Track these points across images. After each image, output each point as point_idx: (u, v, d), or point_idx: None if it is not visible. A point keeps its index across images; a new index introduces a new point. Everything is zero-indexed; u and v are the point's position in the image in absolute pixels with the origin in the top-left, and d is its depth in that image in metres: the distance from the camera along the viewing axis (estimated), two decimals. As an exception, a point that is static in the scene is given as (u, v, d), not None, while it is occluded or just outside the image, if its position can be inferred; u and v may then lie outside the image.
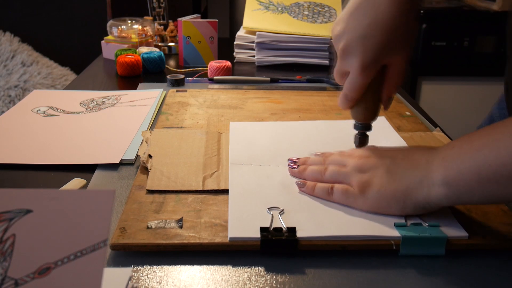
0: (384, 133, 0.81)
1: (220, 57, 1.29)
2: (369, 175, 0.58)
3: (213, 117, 0.89)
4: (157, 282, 0.50)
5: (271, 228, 0.54)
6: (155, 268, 0.52)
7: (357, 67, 0.60)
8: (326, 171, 0.63)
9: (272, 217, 0.57)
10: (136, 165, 0.73)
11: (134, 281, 0.49)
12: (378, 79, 0.63)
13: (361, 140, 0.68)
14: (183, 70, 1.25)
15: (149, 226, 0.55)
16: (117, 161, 0.74)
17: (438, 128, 0.86)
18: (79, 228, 0.34)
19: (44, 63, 2.29)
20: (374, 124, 0.87)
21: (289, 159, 0.68)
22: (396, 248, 0.54)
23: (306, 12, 1.38)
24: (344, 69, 0.62)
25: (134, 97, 1.01)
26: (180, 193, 0.63)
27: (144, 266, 0.52)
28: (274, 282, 0.50)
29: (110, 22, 1.36)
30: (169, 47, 1.43)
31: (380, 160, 0.59)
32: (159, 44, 1.43)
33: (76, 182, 0.67)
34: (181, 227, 0.55)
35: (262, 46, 1.30)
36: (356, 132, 0.68)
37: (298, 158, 0.68)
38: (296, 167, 0.66)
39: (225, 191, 0.63)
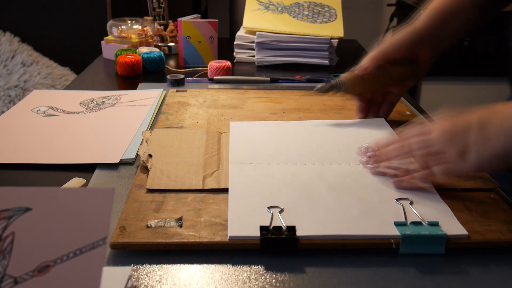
0: (383, 134, 0.81)
1: (220, 57, 1.29)
2: (463, 142, 0.59)
3: (213, 117, 0.89)
4: (156, 281, 0.49)
5: (271, 227, 0.54)
6: (155, 267, 0.52)
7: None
8: (413, 152, 0.64)
9: (272, 215, 0.57)
10: (136, 165, 0.73)
11: (134, 280, 0.49)
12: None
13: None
14: (183, 70, 1.25)
15: (149, 225, 0.55)
16: (117, 161, 0.74)
17: None
18: (78, 226, 0.34)
19: (44, 63, 2.29)
20: (373, 125, 0.90)
21: (361, 161, 0.70)
22: (396, 247, 0.54)
23: (306, 12, 1.38)
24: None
25: (134, 97, 1.02)
26: (180, 192, 0.63)
27: (144, 265, 0.52)
28: (273, 281, 0.50)
29: (110, 22, 1.36)
30: (169, 47, 1.43)
31: (465, 126, 0.60)
32: (159, 44, 1.43)
33: (76, 182, 0.67)
34: (180, 226, 0.55)
35: (262, 46, 1.30)
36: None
37: (369, 155, 0.70)
38: (373, 162, 0.68)
39: (225, 190, 0.63)
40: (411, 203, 0.60)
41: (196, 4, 2.14)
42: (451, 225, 0.56)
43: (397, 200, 0.61)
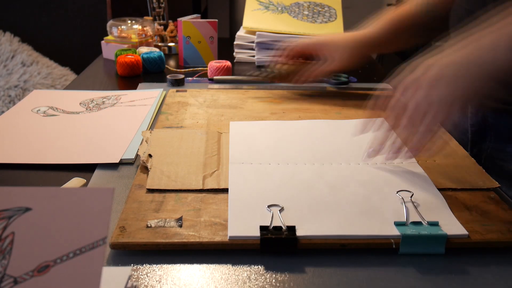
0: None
1: (220, 57, 1.29)
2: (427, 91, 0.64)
3: (213, 117, 0.89)
4: (156, 281, 0.49)
5: (271, 227, 0.54)
6: (155, 267, 0.52)
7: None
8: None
9: (272, 215, 0.57)
10: (136, 165, 0.73)
11: (134, 279, 0.49)
12: None
13: None
14: (183, 70, 1.25)
15: (149, 225, 0.55)
16: (117, 161, 0.74)
17: None
18: (78, 226, 0.34)
19: (44, 63, 2.29)
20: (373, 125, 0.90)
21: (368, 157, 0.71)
22: (396, 247, 0.54)
23: (306, 12, 1.38)
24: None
25: (134, 97, 1.02)
26: (180, 192, 0.63)
27: (144, 265, 0.52)
28: (273, 280, 0.50)
29: (110, 22, 1.36)
30: (169, 47, 1.42)
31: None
32: (159, 44, 1.43)
33: (75, 182, 0.67)
34: (180, 226, 0.55)
35: (262, 46, 1.30)
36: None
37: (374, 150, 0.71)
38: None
39: (225, 190, 0.63)
40: (412, 196, 0.60)
41: (196, 4, 2.15)
42: (451, 225, 0.56)
43: (397, 192, 0.61)
